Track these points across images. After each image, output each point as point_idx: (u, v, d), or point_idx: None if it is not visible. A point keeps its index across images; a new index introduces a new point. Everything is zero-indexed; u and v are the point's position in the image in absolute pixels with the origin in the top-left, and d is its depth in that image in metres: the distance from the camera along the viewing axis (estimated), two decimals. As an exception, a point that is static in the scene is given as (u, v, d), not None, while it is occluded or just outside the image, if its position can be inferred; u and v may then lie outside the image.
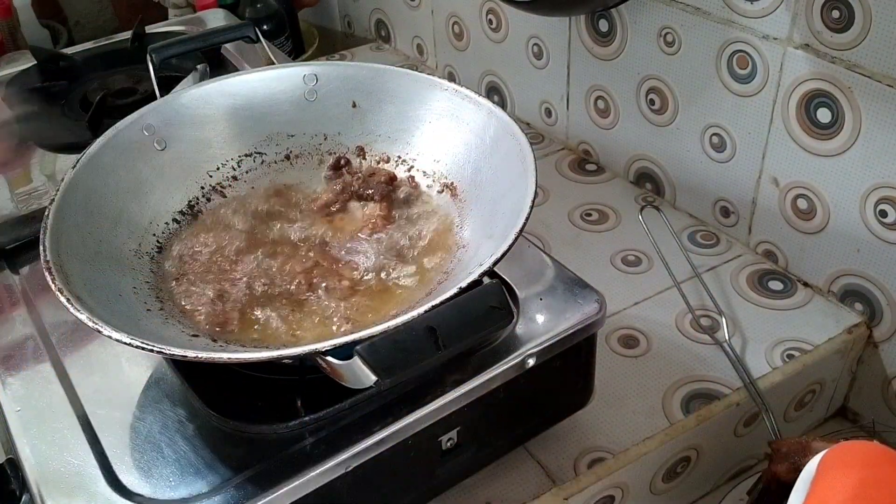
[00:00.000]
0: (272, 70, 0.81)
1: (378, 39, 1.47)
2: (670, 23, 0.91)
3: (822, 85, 0.79)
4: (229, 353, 0.55)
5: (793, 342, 0.83)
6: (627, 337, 0.85)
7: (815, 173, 0.83)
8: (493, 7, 1.15)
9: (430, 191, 0.74)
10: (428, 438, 0.62)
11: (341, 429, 0.59)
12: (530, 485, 0.72)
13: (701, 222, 0.99)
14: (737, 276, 0.91)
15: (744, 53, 0.84)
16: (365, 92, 0.78)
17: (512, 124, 0.70)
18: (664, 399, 0.78)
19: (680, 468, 0.79)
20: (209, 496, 0.56)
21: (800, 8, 0.78)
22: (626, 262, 0.94)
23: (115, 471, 0.59)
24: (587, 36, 1.02)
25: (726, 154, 0.92)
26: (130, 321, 0.60)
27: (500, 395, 0.64)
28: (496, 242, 0.60)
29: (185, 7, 1.47)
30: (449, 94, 0.75)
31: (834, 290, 0.87)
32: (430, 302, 0.55)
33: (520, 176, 0.65)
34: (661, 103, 0.97)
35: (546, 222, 1.00)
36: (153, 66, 0.90)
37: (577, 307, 0.67)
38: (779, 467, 0.67)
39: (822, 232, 0.85)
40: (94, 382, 0.66)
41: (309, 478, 0.57)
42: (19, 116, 1.04)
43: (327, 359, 0.54)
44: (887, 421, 0.86)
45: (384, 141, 0.77)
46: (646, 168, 1.03)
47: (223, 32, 0.98)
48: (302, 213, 0.73)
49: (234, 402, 0.62)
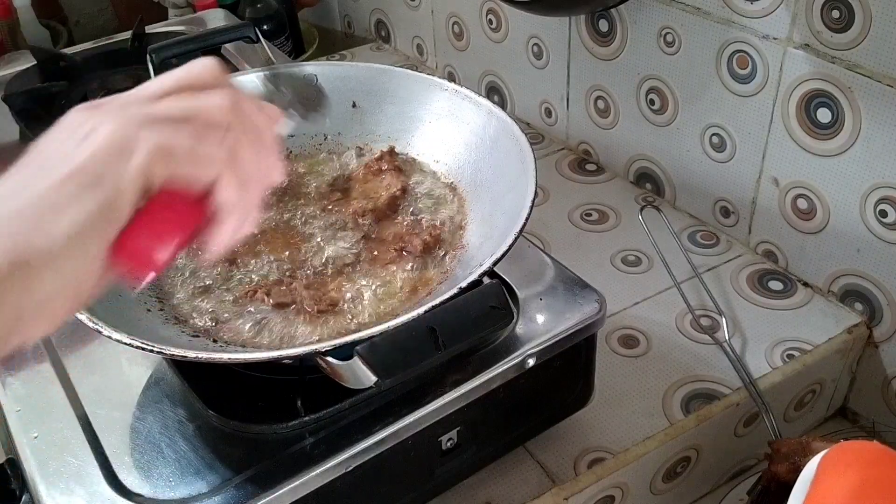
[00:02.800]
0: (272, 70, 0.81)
1: (378, 39, 1.47)
2: (670, 23, 0.91)
3: (822, 85, 0.79)
4: (229, 354, 0.55)
5: (793, 342, 0.83)
6: (627, 337, 0.85)
7: (815, 173, 0.83)
8: (493, 7, 1.15)
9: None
10: (428, 438, 0.62)
11: (341, 429, 0.59)
12: (530, 485, 0.72)
13: (701, 222, 0.99)
14: (737, 276, 0.91)
15: (744, 53, 0.84)
16: (365, 92, 0.78)
17: (512, 124, 0.70)
18: (664, 399, 0.78)
19: (680, 468, 0.79)
20: (209, 496, 0.56)
21: (800, 8, 0.78)
22: (626, 262, 0.94)
23: (115, 471, 0.59)
24: (587, 36, 1.02)
25: (726, 154, 0.92)
26: (130, 321, 0.60)
27: (499, 395, 0.64)
28: (496, 242, 0.60)
29: (185, 7, 1.47)
30: (449, 94, 0.75)
31: (834, 290, 0.87)
32: (430, 302, 0.55)
33: (520, 176, 0.65)
34: (661, 103, 0.97)
35: (546, 222, 1.00)
36: (153, 66, 0.90)
37: (577, 307, 0.67)
38: (779, 467, 0.67)
39: (822, 232, 0.85)
40: (94, 382, 0.66)
41: (309, 478, 0.57)
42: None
43: (327, 359, 0.55)
44: (887, 421, 0.86)
45: (384, 141, 0.77)
46: (646, 168, 1.03)
47: (223, 32, 0.98)
48: (302, 208, 0.73)
49: (234, 402, 0.62)
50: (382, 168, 0.74)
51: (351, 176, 0.75)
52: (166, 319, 0.63)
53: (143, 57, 0.91)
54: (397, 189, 0.72)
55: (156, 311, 0.63)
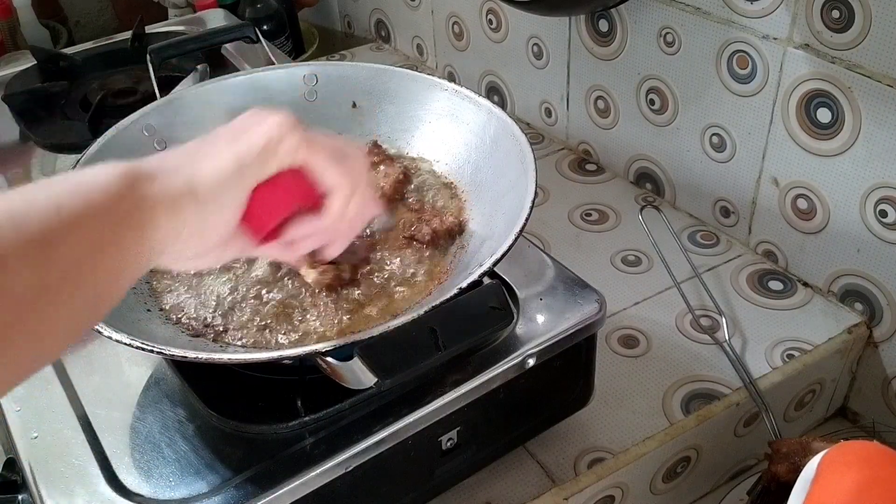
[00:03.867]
0: (272, 70, 0.81)
1: (378, 39, 1.47)
2: (670, 23, 0.91)
3: (822, 85, 0.79)
4: (230, 354, 0.55)
5: (793, 342, 0.83)
6: (627, 337, 0.85)
7: (815, 173, 0.83)
8: (493, 7, 1.15)
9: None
10: (428, 438, 0.62)
11: (341, 429, 0.59)
12: (530, 485, 0.72)
13: (701, 222, 0.99)
14: (737, 276, 0.91)
15: (744, 53, 0.84)
16: (365, 92, 0.78)
17: (512, 124, 0.70)
18: (664, 399, 0.78)
19: (680, 468, 0.79)
20: (209, 496, 0.56)
21: (800, 8, 0.78)
22: (626, 262, 0.94)
23: (115, 471, 0.59)
24: (587, 36, 1.02)
25: (726, 154, 0.92)
26: (130, 321, 0.60)
27: (500, 395, 0.64)
28: (496, 242, 0.60)
29: (185, 7, 1.47)
30: (449, 94, 0.75)
31: (834, 290, 0.87)
32: (430, 302, 0.55)
33: (520, 176, 0.65)
34: (661, 103, 0.97)
35: (546, 222, 1.00)
36: (153, 66, 0.90)
37: (577, 307, 0.67)
38: (779, 467, 0.67)
39: (822, 232, 0.85)
40: (94, 382, 0.66)
41: (309, 478, 0.57)
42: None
43: (327, 359, 0.55)
44: (887, 421, 0.86)
45: (384, 141, 0.77)
46: (646, 168, 1.03)
47: (223, 32, 0.98)
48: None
49: (234, 403, 0.62)
50: (374, 161, 0.74)
51: None
52: (166, 319, 0.63)
53: (143, 57, 0.91)
54: (399, 174, 0.72)
55: (156, 311, 0.63)
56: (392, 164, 0.73)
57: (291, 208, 0.51)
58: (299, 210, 0.52)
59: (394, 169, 0.72)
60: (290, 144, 0.49)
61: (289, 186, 0.50)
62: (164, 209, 0.44)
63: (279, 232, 0.52)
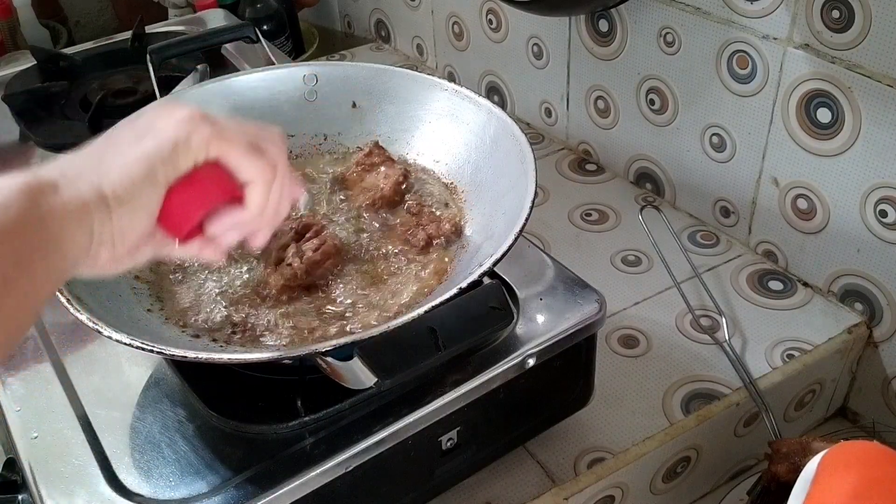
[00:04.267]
0: (272, 70, 0.81)
1: (378, 39, 1.47)
2: (670, 23, 0.91)
3: (822, 85, 0.79)
4: (229, 354, 0.55)
5: (793, 342, 0.83)
6: (627, 337, 0.85)
7: (815, 173, 0.83)
8: (493, 7, 1.15)
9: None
10: (428, 438, 0.62)
11: (341, 429, 0.59)
12: (530, 485, 0.72)
13: (701, 222, 0.99)
14: (737, 276, 0.91)
15: (744, 53, 0.84)
16: (365, 92, 0.78)
17: (512, 124, 0.70)
18: (664, 399, 0.78)
19: (680, 468, 0.79)
20: (209, 496, 0.56)
21: (800, 8, 0.78)
22: (626, 262, 0.94)
23: (115, 471, 0.59)
24: (587, 36, 1.02)
25: (726, 154, 0.92)
26: (130, 321, 0.60)
27: (499, 395, 0.64)
28: (496, 242, 0.60)
29: (185, 7, 1.47)
30: (449, 94, 0.75)
31: (834, 290, 0.87)
32: (430, 302, 0.55)
33: (520, 176, 0.65)
34: (661, 103, 0.97)
35: (546, 222, 1.00)
36: (153, 66, 0.90)
37: (577, 307, 0.67)
38: (779, 467, 0.67)
39: (822, 232, 0.85)
40: (94, 382, 0.66)
41: (309, 478, 0.57)
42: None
43: (327, 359, 0.55)
44: (887, 421, 0.86)
45: (384, 141, 0.77)
46: (646, 168, 1.03)
47: (223, 32, 0.98)
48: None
49: (234, 403, 0.62)
50: (375, 162, 0.74)
51: (345, 176, 0.75)
52: (166, 319, 0.63)
53: (143, 57, 0.91)
54: (399, 175, 0.72)
55: (156, 311, 0.63)
56: (392, 166, 0.73)
57: (210, 204, 0.50)
58: (220, 204, 0.50)
59: (394, 170, 0.72)
60: (201, 139, 0.47)
61: (205, 182, 0.49)
62: (71, 221, 0.42)
63: (200, 229, 0.51)
